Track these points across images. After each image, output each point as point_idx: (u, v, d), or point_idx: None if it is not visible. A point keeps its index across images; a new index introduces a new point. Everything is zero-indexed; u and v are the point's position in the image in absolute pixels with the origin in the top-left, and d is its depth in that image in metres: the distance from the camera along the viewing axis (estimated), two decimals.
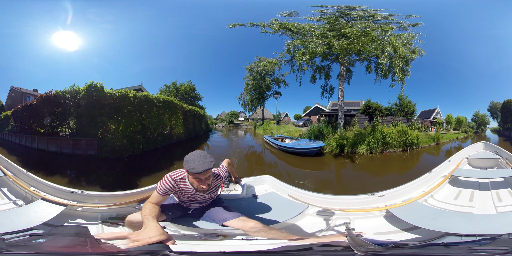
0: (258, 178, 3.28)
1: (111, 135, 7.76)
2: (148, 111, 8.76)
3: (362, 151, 9.51)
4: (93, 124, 7.86)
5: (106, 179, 6.59)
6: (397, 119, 15.09)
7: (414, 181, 3.04)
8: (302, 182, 5.92)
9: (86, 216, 2.39)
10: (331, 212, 2.43)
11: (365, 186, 6.46)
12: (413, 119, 16.28)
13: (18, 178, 2.96)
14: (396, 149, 10.53)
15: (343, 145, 9.57)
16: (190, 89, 15.06)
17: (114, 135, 7.77)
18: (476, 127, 20.34)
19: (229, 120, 23.16)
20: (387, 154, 10.01)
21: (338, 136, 9.96)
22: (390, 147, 10.47)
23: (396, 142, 10.56)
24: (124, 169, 7.27)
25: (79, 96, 8.02)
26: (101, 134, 7.80)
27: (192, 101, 15.07)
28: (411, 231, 2.09)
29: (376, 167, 8.49)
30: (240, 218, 1.92)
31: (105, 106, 7.77)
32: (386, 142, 10.19)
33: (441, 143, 14.33)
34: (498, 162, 3.98)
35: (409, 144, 10.84)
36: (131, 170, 7.17)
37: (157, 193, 1.90)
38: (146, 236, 1.37)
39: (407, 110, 17.55)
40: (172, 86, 14.88)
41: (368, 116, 15.27)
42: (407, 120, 16.38)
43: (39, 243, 1.55)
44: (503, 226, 1.87)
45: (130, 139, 7.96)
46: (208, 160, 1.75)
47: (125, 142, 7.87)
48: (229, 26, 10.85)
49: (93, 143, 7.92)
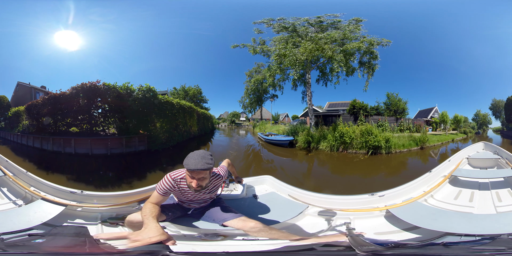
0: (258, 178, 3.28)
1: (157, 131, 9.31)
2: (179, 113, 11.19)
3: (323, 147, 10.42)
4: (145, 122, 8.99)
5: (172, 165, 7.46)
6: (383, 118, 14.71)
7: (414, 181, 3.04)
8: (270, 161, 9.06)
9: (85, 216, 2.39)
10: (331, 212, 2.43)
11: (301, 167, 9.10)
12: (402, 119, 15.60)
13: (18, 178, 2.96)
14: (357, 150, 10.15)
15: (310, 142, 10.81)
16: (198, 92, 17.05)
17: (160, 131, 9.42)
18: (477, 127, 18.77)
19: (231, 120, 25.28)
20: (346, 154, 10.09)
21: (306, 133, 11.22)
22: (351, 147, 10.26)
23: (357, 142, 10.18)
24: (173, 155, 9.04)
25: (137, 96, 8.81)
26: (149, 131, 9.03)
27: (199, 103, 16.93)
28: (411, 231, 2.09)
29: (321, 161, 9.74)
30: (241, 218, 1.92)
31: (156, 107, 9.33)
32: (345, 142, 10.20)
33: (428, 148, 12.03)
34: (498, 162, 3.99)
35: (373, 147, 9.91)
36: (178, 154, 8.43)
37: (157, 193, 1.90)
38: (146, 236, 1.37)
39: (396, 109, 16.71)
40: (182, 89, 16.75)
41: (353, 116, 15.30)
42: (396, 119, 15.88)
43: (38, 243, 1.54)
44: (502, 226, 1.87)
45: (170, 134, 10.02)
46: (204, 161, 1.73)
47: (167, 136, 9.84)
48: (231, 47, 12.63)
49: (144, 139, 8.84)
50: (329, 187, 6.41)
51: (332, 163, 9.42)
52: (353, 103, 15.58)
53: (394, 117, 16.36)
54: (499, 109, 17.26)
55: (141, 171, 7.05)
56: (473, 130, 18.57)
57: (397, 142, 10.78)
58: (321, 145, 10.49)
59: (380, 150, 10.04)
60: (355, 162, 9.17)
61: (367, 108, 15.19)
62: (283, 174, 7.81)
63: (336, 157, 9.84)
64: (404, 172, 8.32)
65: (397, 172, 8.38)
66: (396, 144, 10.67)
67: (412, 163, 9.60)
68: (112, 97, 8.56)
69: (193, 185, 1.80)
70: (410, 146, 11.27)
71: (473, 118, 19.18)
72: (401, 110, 17.35)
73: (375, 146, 9.94)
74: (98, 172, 7.37)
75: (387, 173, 8.33)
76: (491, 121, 18.31)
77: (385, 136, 10.34)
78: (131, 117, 8.79)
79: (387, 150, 10.18)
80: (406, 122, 16.28)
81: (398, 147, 10.74)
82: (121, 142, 8.52)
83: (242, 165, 9.03)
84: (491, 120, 18.29)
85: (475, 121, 18.99)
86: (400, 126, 15.75)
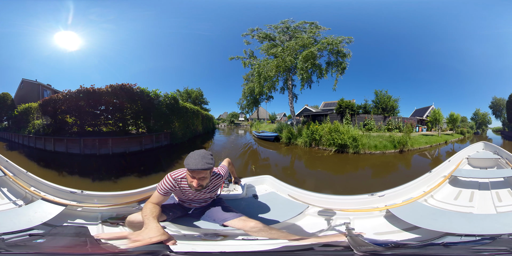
0: (258, 178, 3.28)
1: (176, 129, 11.77)
2: (190, 115, 13.65)
3: (299, 143, 11.91)
4: (168, 122, 11.34)
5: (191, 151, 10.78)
6: (369, 116, 14.70)
7: (414, 181, 3.04)
8: None
9: (86, 216, 2.39)
10: (331, 212, 2.43)
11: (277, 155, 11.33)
12: (391, 117, 15.39)
13: (18, 178, 2.96)
14: (326, 147, 10.63)
15: (290, 137, 12.54)
16: (200, 95, 19.06)
17: (178, 129, 11.92)
18: (476, 127, 17.51)
19: (230, 120, 26.98)
20: (316, 149, 11.02)
21: (287, 131, 13.05)
22: (321, 144, 10.92)
23: (325, 140, 10.63)
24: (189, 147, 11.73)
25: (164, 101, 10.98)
26: (170, 129, 11.33)
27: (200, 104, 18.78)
28: (411, 231, 2.09)
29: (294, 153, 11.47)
30: (241, 218, 1.93)
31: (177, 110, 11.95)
32: (315, 138, 11.06)
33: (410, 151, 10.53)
34: (498, 162, 3.98)
35: (339, 145, 10.15)
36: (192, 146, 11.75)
37: (158, 193, 1.90)
38: (146, 236, 1.37)
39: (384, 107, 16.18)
40: (185, 92, 18.68)
41: (340, 115, 15.54)
42: (384, 117, 15.60)
43: (38, 243, 1.54)
44: (502, 226, 1.87)
45: (184, 131, 12.52)
46: (205, 161, 1.73)
47: (182, 133, 12.32)
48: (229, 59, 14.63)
49: (167, 136, 11.10)
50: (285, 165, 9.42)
51: (299, 154, 11.05)
52: (340, 102, 15.90)
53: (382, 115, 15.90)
54: (500, 108, 16.03)
55: (173, 159, 8.85)
56: (471, 130, 17.28)
57: (367, 142, 10.43)
58: (297, 141, 12.02)
59: (347, 149, 10.13)
60: (318, 156, 10.07)
61: (354, 107, 15.34)
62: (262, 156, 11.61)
63: (306, 151, 11.10)
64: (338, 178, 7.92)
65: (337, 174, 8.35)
66: (366, 145, 10.33)
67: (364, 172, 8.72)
68: (145, 100, 9.93)
69: (194, 184, 1.80)
70: (385, 148, 10.55)
71: (472, 117, 17.76)
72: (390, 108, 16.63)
73: (341, 144, 10.12)
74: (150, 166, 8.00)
75: (334, 172, 8.54)
76: (491, 120, 17.09)
77: (351, 135, 10.28)
78: (158, 118, 10.71)
79: (354, 149, 10.11)
80: (395, 121, 15.71)
81: (369, 148, 10.38)
82: (151, 138, 10.15)
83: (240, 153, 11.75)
84: (491, 120, 17.07)
85: (474, 121, 17.58)
86: (387, 125, 15.34)
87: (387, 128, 14.57)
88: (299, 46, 12.44)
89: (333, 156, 9.89)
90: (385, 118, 15.61)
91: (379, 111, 16.42)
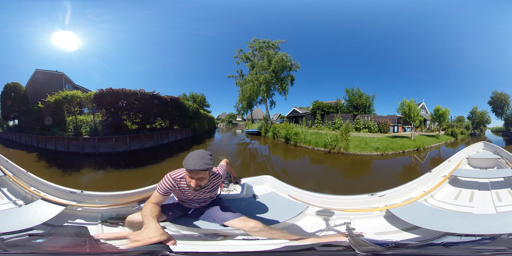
0: (258, 178, 3.28)
1: (195, 126, 18.05)
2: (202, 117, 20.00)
3: (268, 136, 18.11)
4: (193, 121, 17.61)
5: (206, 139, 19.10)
6: (337, 116, 16.52)
7: (414, 181, 3.04)
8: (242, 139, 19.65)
9: (86, 216, 2.39)
10: (331, 212, 2.43)
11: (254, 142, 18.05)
12: (359, 115, 15.66)
13: (18, 178, 2.96)
14: (282, 139, 15.27)
15: (266, 132, 18.74)
16: (203, 99, 24.71)
17: (196, 126, 18.24)
18: (472, 127, 15.18)
19: (228, 121, 31.61)
20: (276, 140, 16.54)
21: (264, 128, 19.62)
22: (279, 137, 15.67)
23: (281, 134, 15.45)
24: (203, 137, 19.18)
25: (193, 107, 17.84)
26: (193, 126, 17.67)
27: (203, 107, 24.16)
28: (411, 231, 2.09)
29: (263, 142, 17.68)
30: (241, 218, 1.92)
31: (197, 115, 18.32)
32: (275, 133, 16.78)
33: (342, 155, 10.26)
34: (498, 162, 3.98)
35: (286, 138, 14.38)
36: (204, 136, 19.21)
37: (158, 193, 1.90)
38: (146, 236, 1.37)
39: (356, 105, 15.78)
40: (191, 96, 24.12)
41: (313, 116, 18.45)
42: (353, 116, 15.56)
43: (38, 243, 1.54)
44: (502, 226, 1.87)
45: (199, 127, 18.96)
46: (203, 161, 1.74)
47: (199, 129, 18.88)
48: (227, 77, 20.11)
49: (191, 130, 17.44)
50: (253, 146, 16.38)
51: (264, 142, 17.64)
52: (314, 104, 18.58)
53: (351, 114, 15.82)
54: (501, 104, 13.31)
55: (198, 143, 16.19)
56: (466, 131, 14.75)
57: (303, 138, 13.27)
58: (268, 134, 18.32)
59: (290, 141, 14.14)
60: (275, 143, 16.01)
61: (324, 107, 17.94)
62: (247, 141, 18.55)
63: (270, 141, 17.23)
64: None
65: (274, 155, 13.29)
66: (302, 140, 13.21)
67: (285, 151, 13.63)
68: (183, 108, 15.86)
69: (192, 184, 1.81)
70: (316, 145, 11.97)
71: (469, 115, 15.12)
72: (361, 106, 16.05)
73: (286, 137, 14.60)
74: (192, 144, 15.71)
75: (273, 152, 14.11)
76: (490, 120, 14.71)
77: (294, 131, 14.14)
78: (187, 119, 16.79)
79: (293, 142, 13.89)
80: (363, 120, 15.12)
81: (304, 142, 12.95)
82: (186, 132, 16.72)
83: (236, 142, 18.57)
84: (490, 119, 14.70)
85: (471, 120, 15.04)
86: (356, 124, 15.13)
87: (355, 127, 14.72)
88: (262, 69, 17.48)
89: (281, 144, 15.21)
90: (354, 117, 15.44)
91: (347, 110, 16.50)
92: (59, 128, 8.83)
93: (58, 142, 9.00)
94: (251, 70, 18.13)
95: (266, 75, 16.94)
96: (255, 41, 17.84)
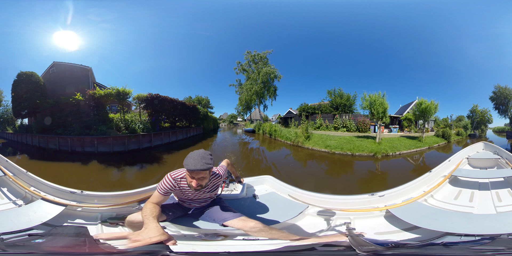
0: (258, 178, 3.28)
1: (204, 125, 22.94)
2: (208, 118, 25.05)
3: (260, 133, 22.55)
4: (203, 122, 22.46)
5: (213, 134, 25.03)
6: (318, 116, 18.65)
7: (414, 181, 3.04)
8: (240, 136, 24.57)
9: (85, 216, 2.39)
10: (331, 212, 2.43)
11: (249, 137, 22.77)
12: (337, 115, 17.41)
13: (18, 178, 2.95)
14: (267, 135, 20.18)
15: (258, 130, 23.29)
16: (207, 102, 29.14)
17: (205, 125, 23.25)
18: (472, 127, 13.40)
19: (230, 121, 35.41)
20: (265, 135, 21.22)
21: (257, 127, 23.84)
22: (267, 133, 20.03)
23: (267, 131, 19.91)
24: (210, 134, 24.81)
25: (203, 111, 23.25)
26: (203, 125, 22.57)
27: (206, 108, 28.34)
28: (411, 231, 2.09)
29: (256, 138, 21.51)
30: (241, 218, 1.92)
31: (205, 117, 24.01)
32: (264, 130, 21.11)
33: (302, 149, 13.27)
34: (498, 162, 3.98)
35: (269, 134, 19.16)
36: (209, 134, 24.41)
37: (158, 193, 1.90)
38: (146, 236, 1.37)
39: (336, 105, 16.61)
40: (196, 99, 28.40)
41: (300, 117, 20.84)
42: (333, 116, 16.97)
43: (38, 243, 1.54)
44: (502, 226, 1.87)
45: (207, 127, 24.16)
46: (204, 161, 1.74)
47: (207, 128, 24.14)
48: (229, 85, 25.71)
49: (202, 129, 22.29)
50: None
51: (256, 137, 21.67)
52: (300, 106, 21.06)
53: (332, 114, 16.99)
54: (505, 100, 11.39)
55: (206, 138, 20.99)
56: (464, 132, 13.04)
57: (279, 134, 17.66)
58: (260, 132, 22.77)
59: (272, 136, 18.97)
60: (263, 138, 20.81)
61: (309, 109, 20.34)
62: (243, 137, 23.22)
63: (260, 136, 21.98)
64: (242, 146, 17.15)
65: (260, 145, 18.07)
66: (279, 135, 17.65)
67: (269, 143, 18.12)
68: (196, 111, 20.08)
69: (193, 184, 1.81)
70: (286, 139, 15.93)
71: (468, 114, 13.42)
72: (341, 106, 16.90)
73: (269, 133, 19.55)
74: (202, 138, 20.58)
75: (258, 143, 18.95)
76: (492, 119, 12.96)
77: (274, 129, 19.05)
78: (199, 120, 21.08)
79: (274, 136, 18.58)
80: (341, 119, 16.75)
81: (280, 137, 17.36)
82: (198, 129, 21.13)
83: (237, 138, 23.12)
84: (492, 118, 12.97)
85: (471, 119, 13.32)
86: (334, 123, 16.25)
87: (334, 126, 15.78)
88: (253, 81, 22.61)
89: (267, 138, 20.08)
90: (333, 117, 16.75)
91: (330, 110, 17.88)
92: (106, 126, 6.96)
93: (116, 142, 7.45)
94: (246, 80, 23.61)
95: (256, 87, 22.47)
96: (248, 53, 22.62)
